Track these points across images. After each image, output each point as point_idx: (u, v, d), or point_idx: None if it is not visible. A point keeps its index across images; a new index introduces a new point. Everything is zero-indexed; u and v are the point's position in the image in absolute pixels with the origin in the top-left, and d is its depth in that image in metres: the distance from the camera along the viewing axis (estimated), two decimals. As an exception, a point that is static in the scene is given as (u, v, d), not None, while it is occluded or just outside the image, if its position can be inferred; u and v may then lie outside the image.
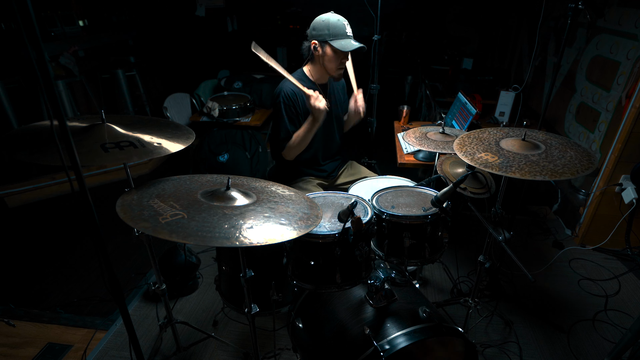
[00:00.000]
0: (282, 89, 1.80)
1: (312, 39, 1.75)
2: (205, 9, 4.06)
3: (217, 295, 1.94)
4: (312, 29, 1.75)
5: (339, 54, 1.72)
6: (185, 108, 3.53)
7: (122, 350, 1.82)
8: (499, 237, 1.27)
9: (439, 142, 1.80)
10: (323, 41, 1.72)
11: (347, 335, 1.25)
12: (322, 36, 1.71)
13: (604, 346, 1.85)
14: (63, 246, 2.62)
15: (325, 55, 1.75)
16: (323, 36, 1.71)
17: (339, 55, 1.73)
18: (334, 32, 1.70)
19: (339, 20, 1.72)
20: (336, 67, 1.76)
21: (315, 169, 2.04)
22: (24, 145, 1.11)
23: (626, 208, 2.36)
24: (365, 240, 1.25)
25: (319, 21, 1.73)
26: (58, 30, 3.63)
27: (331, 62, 1.75)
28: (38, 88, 0.77)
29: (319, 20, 1.73)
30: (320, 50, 1.75)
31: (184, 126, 1.38)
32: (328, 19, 1.71)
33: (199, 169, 3.14)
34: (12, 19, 0.70)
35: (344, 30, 1.71)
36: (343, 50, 1.69)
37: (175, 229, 0.95)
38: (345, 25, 1.72)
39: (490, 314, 1.99)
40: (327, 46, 1.72)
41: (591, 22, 2.58)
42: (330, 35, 1.70)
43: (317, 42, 1.74)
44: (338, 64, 1.75)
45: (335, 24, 1.70)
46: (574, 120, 2.74)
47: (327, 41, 1.70)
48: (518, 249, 2.55)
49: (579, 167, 1.19)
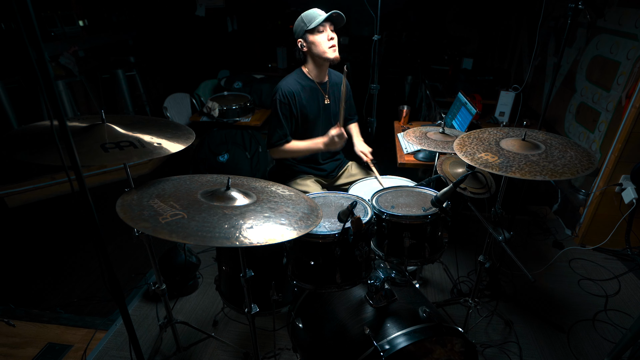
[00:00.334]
0: (280, 88, 1.81)
1: (297, 39, 1.79)
2: (205, 9, 4.06)
3: (217, 295, 1.94)
4: (294, 33, 1.79)
5: (317, 33, 1.73)
6: (185, 108, 3.53)
7: (122, 350, 1.82)
8: (499, 237, 1.28)
9: (439, 142, 1.80)
10: (303, 34, 1.75)
11: (347, 335, 1.25)
12: (301, 29, 1.75)
13: (604, 346, 1.85)
14: (63, 246, 2.62)
15: (312, 45, 1.76)
16: (302, 28, 1.74)
17: (321, 36, 1.73)
18: (307, 20, 1.73)
19: (314, 10, 1.75)
20: (326, 48, 1.75)
21: (315, 167, 2.04)
22: (24, 145, 1.11)
23: (626, 208, 2.36)
24: (365, 240, 1.25)
25: (296, 22, 1.77)
26: (58, 30, 3.63)
27: (318, 46, 1.75)
28: (38, 88, 0.77)
29: (296, 21, 1.78)
30: (306, 45, 1.77)
31: (184, 126, 1.38)
32: (302, 14, 1.75)
33: (199, 169, 3.14)
34: (12, 19, 0.70)
35: (316, 13, 1.74)
36: (314, 24, 1.70)
37: (175, 229, 0.95)
38: (318, 10, 1.74)
39: (490, 314, 1.99)
40: (308, 34, 1.74)
41: (591, 22, 2.58)
42: (306, 25, 1.73)
43: (301, 40, 1.77)
44: (325, 44, 1.75)
45: (308, 13, 1.74)
46: (574, 120, 2.74)
47: (305, 30, 1.73)
48: (518, 249, 2.55)
49: (579, 167, 1.19)
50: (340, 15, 1.73)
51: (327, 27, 1.74)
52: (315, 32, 1.72)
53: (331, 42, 1.75)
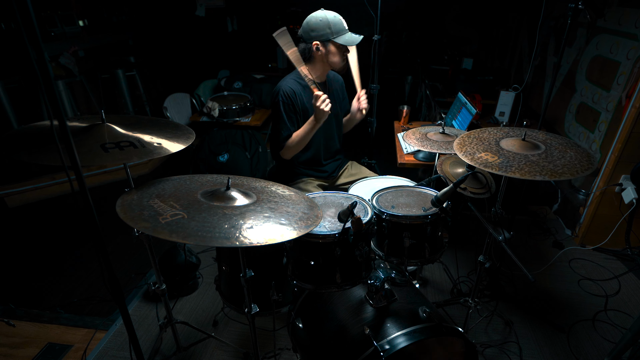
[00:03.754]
0: (280, 88, 1.80)
1: (313, 40, 1.74)
2: (205, 9, 4.06)
3: (217, 295, 1.94)
4: (310, 30, 1.73)
5: (342, 48, 1.76)
6: (185, 108, 3.53)
7: (122, 350, 1.82)
8: (499, 237, 1.28)
9: (439, 142, 1.80)
10: (326, 40, 1.73)
11: (347, 335, 1.25)
12: (325, 35, 1.72)
13: (604, 346, 1.85)
14: (63, 246, 2.62)
15: (330, 53, 1.76)
16: (326, 35, 1.71)
17: (341, 50, 1.76)
18: (335, 30, 1.71)
19: (336, 17, 1.74)
20: (341, 61, 1.79)
21: (316, 169, 2.03)
22: (24, 145, 1.11)
23: (626, 208, 2.36)
24: (365, 240, 1.25)
25: (316, 21, 1.72)
26: (58, 30, 3.63)
27: (336, 57, 1.77)
28: (38, 88, 0.77)
29: (315, 20, 1.72)
30: (324, 50, 1.76)
31: (184, 126, 1.38)
32: (326, 17, 1.72)
33: (199, 169, 3.14)
34: (12, 19, 0.70)
35: (344, 26, 1.74)
36: (349, 45, 1.73)
37: (175, 229, 0.95)
38: (343, 20, 1.75)
39: (490, 314, 1.99)
40: (331, 44, 1.74)
41: (591, 22, 2.58)
42: (333, 33, 1.71)
43: (320, 42, 1.74)
44: (342, 57, 1.79)
45: (334, 20, 1.72)
46: (574, 120, 2.74)
47: (331, 39, 1.72)
48: (518, 249, 2.55)
49: (578, 167, 1.19)
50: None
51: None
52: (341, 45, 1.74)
53: (345, 57, 1.81)
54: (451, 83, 3.78)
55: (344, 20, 1.75)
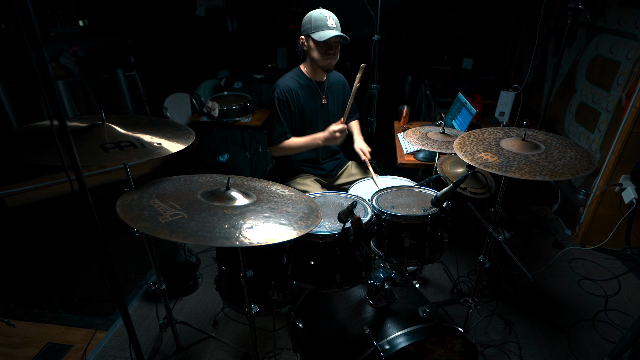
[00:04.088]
0: (278, 85, 1.83)
1: (301, 35, 1.80)
2: (205, 9, 4.06)
3: (217, 295, 1.94)
4: (301, 26, 1.80)
5: (319, 44, 1.75)
6: (185, 108, 3.54)
7: (122, 350, 1.82)
8: (499, 237, 1.28)
9: (439, 142, 1.80)
10: (307, 35, 1.76)
11: (347, 335, 1.25)
12: (306, 30, 1.76)
13: (604, 346, 1.85)
14: (63, 246, 2.62)
15: (310, 49, 1.79)
16: (307, 30, 1.76)
17: (320, 46, 1.76)
18: (314, 25, 1.73)
19: (321, 13, 1.75)
20: (321, 57, 1.78)
21: (314, 167, 2.04)
22: (24, 145, 1.11)
23: (626, 208, 2.36)
24: (365, 240, 1.25)
25: (305, 16, 1.78)
26: (58, 30, 3.63)
27: (315, 52, 1.78)
28: (38, 88, 0.77)
29: (305, 16, 1.78)
30: (306, 45, 1.80)
31: (184, 126, 1.38)
32: (311, 13, 1.76)
33: (199, 169, 3.14)
34: (12, 19, 0.70)
35: (325, 22, 1.73)
36: (319, 40, 1.72)
37: (175, 229, 0.95)
38: (327, 18, 1.74)
39: (490, 314, 1.99)
40: (311, 39, 1.76)
41: (591, 22, 2.58)
42: (312, 28, 1.74)
43: (304, 37, 1.79)
44: (322, 54, 1.77)
45: (317, 16, 1.74)
46: (574, 120, 2.74)
47: (309, 34, 1.74)
48: (518, 249, 2.55)
49: (578, 168, 1.19)
50: (346, 38, 1.75)
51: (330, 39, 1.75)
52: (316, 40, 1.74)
53: (328, 56, 1.78)
54: (451, 83, 3.78)
55: (331, 19, 1.74)
